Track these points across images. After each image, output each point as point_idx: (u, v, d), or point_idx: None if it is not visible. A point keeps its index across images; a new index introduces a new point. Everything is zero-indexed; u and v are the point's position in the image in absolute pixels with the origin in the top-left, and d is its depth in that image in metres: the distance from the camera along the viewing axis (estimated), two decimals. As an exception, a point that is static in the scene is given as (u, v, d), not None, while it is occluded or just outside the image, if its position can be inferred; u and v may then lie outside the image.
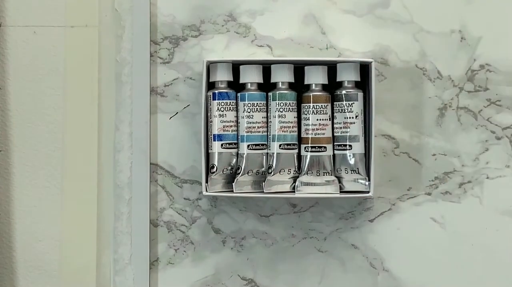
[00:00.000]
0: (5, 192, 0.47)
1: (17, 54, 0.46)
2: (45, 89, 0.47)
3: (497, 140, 0.47)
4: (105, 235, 0.47)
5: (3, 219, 0.46)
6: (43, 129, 0.47)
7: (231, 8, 0.47)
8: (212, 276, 0.47)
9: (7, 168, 0.47)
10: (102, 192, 0.47)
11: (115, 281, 0.47)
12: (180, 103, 0.47)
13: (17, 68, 0.46)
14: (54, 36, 0.46)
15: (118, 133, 0.46)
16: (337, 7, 0.47)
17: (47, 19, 0.47)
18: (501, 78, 0.47)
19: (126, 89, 0.46)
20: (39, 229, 0.47)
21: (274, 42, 0.47)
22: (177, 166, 0.47)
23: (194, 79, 0.47)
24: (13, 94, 0.47)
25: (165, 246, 0.47)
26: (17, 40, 0.46)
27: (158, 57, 0.47)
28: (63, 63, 0.47)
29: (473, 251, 0.47)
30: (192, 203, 0.47)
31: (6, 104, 0.47)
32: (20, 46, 0.46)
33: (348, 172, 0.44)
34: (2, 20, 0.46)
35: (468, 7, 0.47)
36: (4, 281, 0.46)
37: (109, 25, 0.47)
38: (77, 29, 0.47)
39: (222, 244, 0.47)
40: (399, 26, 0.47)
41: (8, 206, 0.47)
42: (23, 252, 0.47)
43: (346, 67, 0.44)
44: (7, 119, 0.47)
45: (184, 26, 0.47)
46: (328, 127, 0.44)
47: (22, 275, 0.47)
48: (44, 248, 0.47)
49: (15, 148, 0.47)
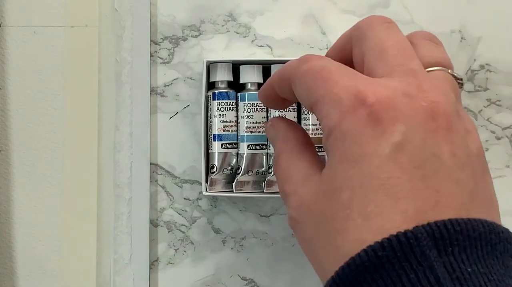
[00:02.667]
0: (5, 192, 0.47)
1: (17, 54, 0.46)
2: (45, 89, 0.47)
3: (497, 140, 0.47)
4: (105, 235, 0.47)
5: (3, 219, 0.46)
6: (43, 129, 0.47)
7: (231, 8, 0.47)
8: (212, 276, 0.47)
9: (7, 168, 0.47)
10: (102, 192, 0.47)
11: (115, 281, 0.47)
12: (180, 103, 0.47)
13: (17, 68, 0.47)
14: (54, 36, 0.46)
15: (118, 133, 0.47)
16: (337, 7, 0.47)
17: (47, 19, 0.47)
18: (501, 78, 0.47)
19: (126, 89, 0.46)
20: (39, 229, 0.47)
21: (274, 42, 0.47)
22: (177, 166, 0.47)
23: (194, 79, 0.47)
24: (13, 94, 0.47)
25: (165, 246, 0.47)
26: (17, 40, 0.46)
27: (158, 57, 0.47)
28: (63, 63, 0.47)
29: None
30: (192, 203, 0.47)
31: (6, 104, 0.47)
32: (20, 46, 0.46)
33: None
34: (2, 20, 0.46)
35: (468, 7, 0.47)
36: (4, 281, 0.46)
37: (109, 25, 0.47)
38: (77, 29, 0.47)
39: (222, 244, 0.47)
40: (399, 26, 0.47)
41: (8, 206, 0.47)
42: (23, 252, 0.47)
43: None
44: (7, 119, 0.47)
45: (184, 26, 0.47)
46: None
47: (22, 275, 0.47)
48: (44, 248, 0.47)
49: (15, 148, 0.47)
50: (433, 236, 0.23)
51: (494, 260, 0.24)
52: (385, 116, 0.26)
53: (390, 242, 0.23)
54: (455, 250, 0.23)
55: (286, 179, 0.32)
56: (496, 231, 0.25)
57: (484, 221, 0.24)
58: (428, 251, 0.23)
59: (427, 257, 0.23)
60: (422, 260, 0.23)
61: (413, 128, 0.26)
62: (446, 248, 0.23)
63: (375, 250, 0.24)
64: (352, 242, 0.25)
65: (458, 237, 0.23)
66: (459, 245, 0.23)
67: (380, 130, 0.26)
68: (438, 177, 0.26)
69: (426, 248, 0.23)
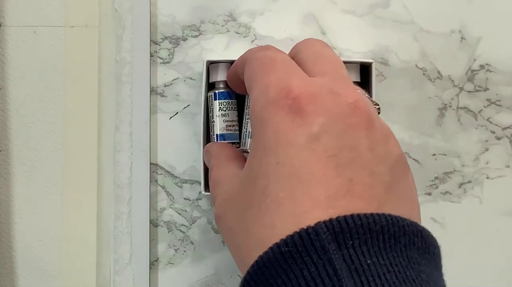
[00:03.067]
0: (5, 192, 0.47)
1: (17, 54, 0.46)
2: (45, 89, 0.47)
3: (497, 140, 0.47)
4: (105, 235, 0.47)
5: (3, 219, 0.46)
6: (43, 129, 0.47)
7: (231, 8, 0.47)
8: (212, 276, 0.47)
9: (7, 168, 0.47)
10: (102, 192, 0.47)
11: (115, 281, 0.47)
12: (180, 103, 0.47)
13: (17, 68, 0.47)
14: (54, 36, 0.46)
15: (118, 133, 0.47)
16: (337, 7, 0.47)
17: (47, 19, 0.47)
18: (501, 78, 0.47)
19: (126, 89, 0.46)
20: (39, 229, 0.47)
21: (274, 42, 0.47)
22: (177, 166, 0.47)
23: (194, 79, 0.47)
24: (13, 94, 0.47)
25: (165, 246, 0.47)
26: (17, 40, 0.46)
27: (158, 57, 0.47)
28: (63, 63, 0.47)
29: (473, 251, 0.47)
30: (192, 203, 0.47)
31: (6, 104, 0.47)
32: (20, 46, 0.46)
33: None
34: (2, 20, 0.46)
35: (468, 7, 0.47)
36: (4, 281, 0.46)
37: (109, 25, 0.47)
38: (77, 29, 0.47)
39: (222, 244, 0.47)
40: (399, 26, 0.47)
41: (8, 206, 0.47)
42: (23, 252, 0.47)
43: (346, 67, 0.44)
44: (7, 119, 0.47)
45: (184, 26, 0.47)
46: None
47: (22, 275, 0.47)
48: (44, 248, 0.47)
49: (15, 148, 0.47)
50: (333, 231, 0.24)
51: (398, 253, 0.25)
52: (306, 109, 0.28)
53: (292, 238, 0.24)
54: (355, 243, 0.24)
55: (215, 185, 0.34)
56: (401, 225, 0.25)
57: (388, 215, 0.25)
58: (328, 245, 0.24)
59: (326, 251, 0.24)
60: (322, 253, 0.24)
61: (333, 121, 0.27)
62: (346, 241, 0.24)
63: (279, 247, 0.25)
64: (265, 226, 0.26)
65: (358, 231, 0.24)
66: (360, 238, 0.24)
67: (299, 121, 0.27)
68: (353, 167, 0.27)
69: (326, 242, 0.24)
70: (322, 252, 0.24)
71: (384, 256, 0.24)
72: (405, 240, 0.25)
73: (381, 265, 0.24)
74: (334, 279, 0.23)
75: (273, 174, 0.27)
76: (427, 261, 0.26)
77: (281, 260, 0.24)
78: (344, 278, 0.23)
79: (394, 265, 0.24)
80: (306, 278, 0.24)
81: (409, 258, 0.25)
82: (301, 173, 0.26)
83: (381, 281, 0.23)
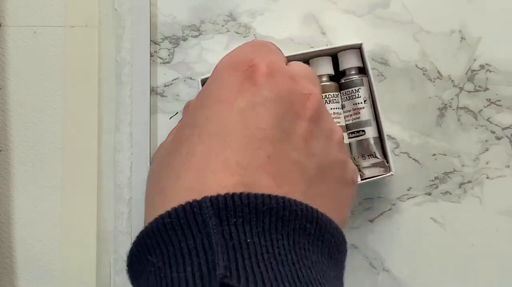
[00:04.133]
0: (5, 192, 0.47)
1: (17, 54, 0.46)
2: (45, 89, 0.47)
3: (497, 140, 0.47)
4: (105, 235, 0.47)
5: (3, 219, 0.46)
6: (43, 129, 0.47)
7: (231, 8, 0.47)
8: (212, 276, 0.47)
9: (7, 168, 0.47)
10: (102, 192, 0.47)
11: (115, 281, 0.47)
12: (180, 103, 0.47)
13: (17, 68, 0.46)
14: (54, 36, 0.46)
15: (118, 133, 0.47)
16: (337, 7, 0.47)
17: (47, 19, 0.47)
18: (501, 78, 0.47)
19: (126, 89, 0.46)
20: (39, 229, 0.47)
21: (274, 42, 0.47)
22: (177, 166, 0.47)
23: (194, 79, 0.47)
24: (13, 94, 0.47)
25: (165, 246, 0.47)
26: (17, 40, 0.46)
27: (158, 57, 0.47)
28: (63, 63, 0.47)
29: (473, 251, 0.47)
30: (192, 203, 0.47)
31: (6, 104, 0.47)
32: (20, 46, 0.46)
33: (365, 158, 0.43)
34: (2, 20, 0.46)
35: (468, 7, 0.47)
36: (4, 281, 0.46)
37: (109, 25, 0.47)
38: (77, 29, 0.47)
39: (222, 244, 0.47)
40: (399, 26, 0.47)
41: (8, 206, 0.47)
42: (23, 252, 0.47)
43: (346, 55, 0.44)
44: (7, 119, 0.47)
45: (184, 26, 0.47)
46: (341, 115, 0.43)
47: (22, 275, 0.47)
48: (44, 248, 0.47)
49: (15, 148, 0.47)
50: (217, 206, 0.24)
51: (283, 236, 0.25)
52: (258, 79, 0.28)
53: (176, 211, 0.25)
54: (238, 221, 0.24)
55: None
56: (293, 209, 0.25)
57: (282, 198, 0.25)
58: (209, 219, 0.24)
59: (206, 225, 0.24)
60: (202, 227, 0.24)
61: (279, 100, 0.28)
62: (230, 218, 0.24)
63: (163, 218, 0.25)
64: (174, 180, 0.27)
65: (244, 210, 0.24)
66: (244, 217, 0.24)
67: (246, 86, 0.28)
68: (277, 148, 0.27)
69: (207, 216, 0.24)
70: (202, 226, 0.24)
71: (266, 237, 0.24)
72: (295, 224, 0.25)
73: (261, 245, 0.24)
74: (209, 253, 0.23)
75: (199, 127, 0.27)
76: (317, 249, 0.26)
77: (163, 230, 0.25)
78: (218, 252, 0.23)
79: (276, 247, 0.24)
80: (183, 250, 0.24)
81: (295, 242, 0.25)
82: (224, 133, 0.27)
83: (257, 260, 0.23)
